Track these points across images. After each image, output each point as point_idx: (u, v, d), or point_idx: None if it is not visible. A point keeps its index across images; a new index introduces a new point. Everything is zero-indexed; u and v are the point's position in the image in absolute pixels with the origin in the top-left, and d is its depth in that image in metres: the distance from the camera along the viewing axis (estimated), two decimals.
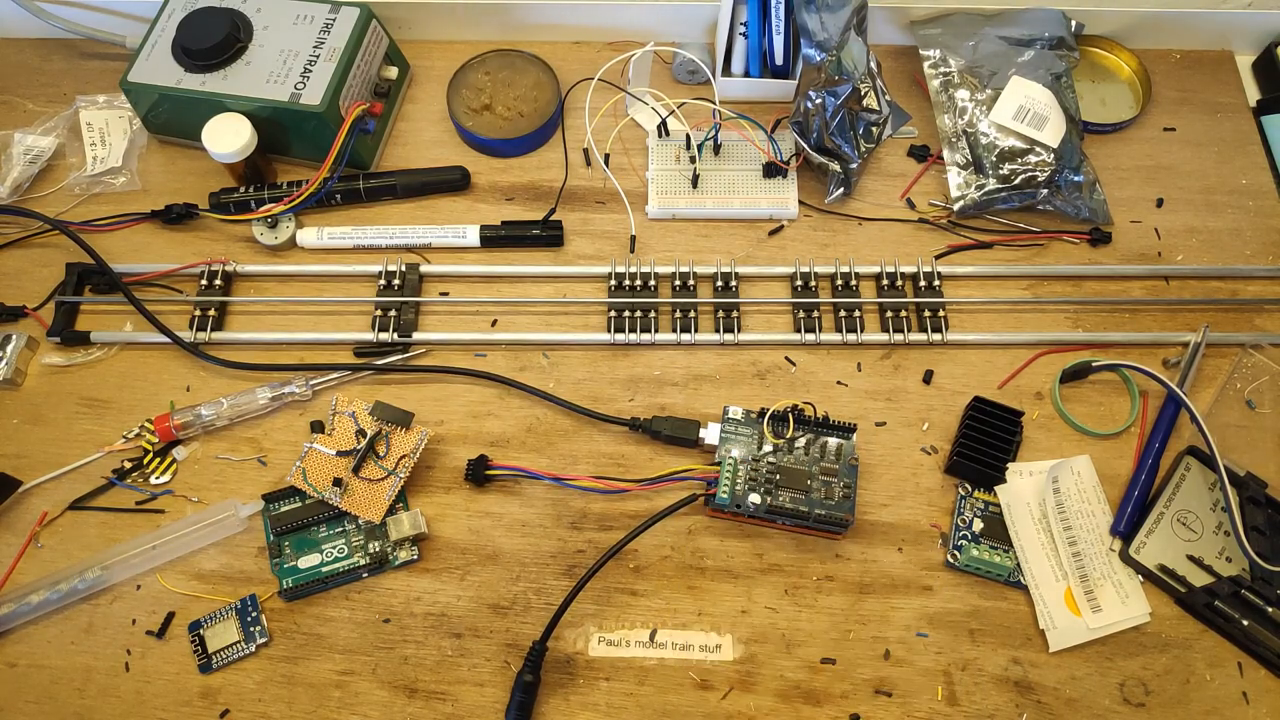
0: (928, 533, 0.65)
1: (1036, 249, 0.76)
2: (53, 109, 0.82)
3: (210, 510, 0.65)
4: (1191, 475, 0.66)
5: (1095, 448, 0.68)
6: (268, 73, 0.73)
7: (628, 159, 0.79)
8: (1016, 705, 0.60)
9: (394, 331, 0.71)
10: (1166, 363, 0.71)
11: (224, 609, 0.62)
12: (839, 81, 0.72)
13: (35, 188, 0.78)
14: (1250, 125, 0.82)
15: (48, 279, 0.74)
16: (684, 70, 0.83)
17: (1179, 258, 0.76)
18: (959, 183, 0.77)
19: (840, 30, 0.73)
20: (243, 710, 0.60)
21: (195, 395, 0.70)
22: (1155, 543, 0.64)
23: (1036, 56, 0.77)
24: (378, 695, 0.60)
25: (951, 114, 0.78)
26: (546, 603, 0.63)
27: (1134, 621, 0.62)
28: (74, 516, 0.66)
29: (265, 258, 0.75)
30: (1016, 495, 0.65)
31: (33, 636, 0.62)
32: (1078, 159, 0.76)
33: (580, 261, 0.75)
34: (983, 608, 0.63)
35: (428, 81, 0.84)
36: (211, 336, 0.71)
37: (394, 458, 0.64)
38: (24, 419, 0.69)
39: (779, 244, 0.76)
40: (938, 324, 0.71)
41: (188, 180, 0.78)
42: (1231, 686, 0.61)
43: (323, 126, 0.73)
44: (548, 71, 0.81)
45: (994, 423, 0.66)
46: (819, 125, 0.73)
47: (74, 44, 0.85)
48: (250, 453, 0.68)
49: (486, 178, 0.79)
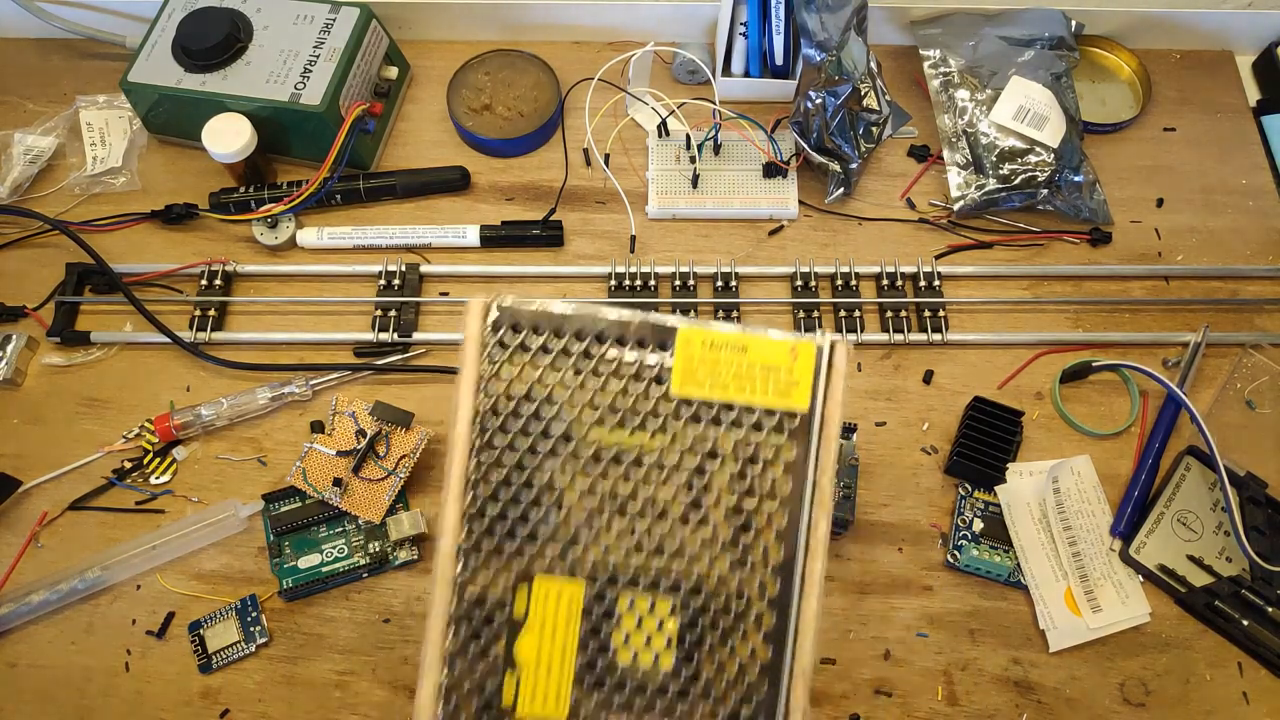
0: (928, 533, 0.65)
1: (1036, 249, 0.76)
2: (53, 109, 0.82)
3: (210, 510, 0.65)
4: (1191, 475, 0.66)
5: (1095, 448, 0.68)
6: (268, 73, 0.73)
7: (628, 159, 0.79)
8: (1016, 705, 0.60)
9: (394, 331, 0.71)
10: (1166, 363, 0.71)
11: (224, 609, 0.62)
12: (839, 81, 0.72)
13: (35, 188, 0.78)
14: (1250, 125, 0.82)
15: (48, 279, 0.74)
16: (684, 70, 0.83)
17: (1179, 258, 0.76)
18: (959, 183, 0.77)
19: (840, 30, 0.73)
20: (243, 710, 0.60)
21: (195, 395, 0.70)
22: (1155, 543, 0.64)
23: (1036, 56, 0.77)
24: (378, 695, 0.60)
25: (951, 114, 0.78)
26: None
27: (1134, 621, 0.62)
28: (74, 516, 0.66)
29: (265, 258, 0.75)
30: (1016, 495, 0.65)
31: (33, 636, 0.62)
32: (1078, 159, 0.76)
33: (580, 261, 0.75)
34: (983, 608, 0.63)
35: (428, 81, 0.84)
36: (211, 336, 0.71)
37: (394, 458, 0.64)
38: (24, 419, 0.69)
39: (779, 244, 0.76)
40: (938, 324, 0.71)
41: (188, 180, 0.78)
42: (1231, 686, 0.61)
43: (323, 126, 0.73)
44: (548, 71, 0.81)
45: (994, 423, 0.66)
46: (819, 125, 0.73)
47: (74, 44, 0.85)
48: (250, 453, 0.68)
49: (486, 178, 0.79)
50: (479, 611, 0.33)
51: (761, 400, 0.36)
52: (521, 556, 0.34)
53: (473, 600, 0.33)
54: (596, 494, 0.35)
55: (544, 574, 0.34)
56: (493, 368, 0.37)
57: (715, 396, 0.36)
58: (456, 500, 0.35)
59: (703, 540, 0.34)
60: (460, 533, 0.34)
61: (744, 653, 0.34)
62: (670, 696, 0.33)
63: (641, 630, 0.34)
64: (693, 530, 0.35)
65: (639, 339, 0.36)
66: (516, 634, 0.33)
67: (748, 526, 0.35)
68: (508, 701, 0.33)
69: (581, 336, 0.36)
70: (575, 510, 0.35)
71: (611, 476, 0.35)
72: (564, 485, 0.35)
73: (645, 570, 0.34)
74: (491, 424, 0.35)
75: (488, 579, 0.34)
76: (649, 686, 0.33)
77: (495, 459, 0.35)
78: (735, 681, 0.33)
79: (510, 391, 0.36)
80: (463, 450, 0.35)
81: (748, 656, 0.34)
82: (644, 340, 0.36)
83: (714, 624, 0.34)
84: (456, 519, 0.34)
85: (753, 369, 0.36)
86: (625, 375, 0.36)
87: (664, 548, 0.34)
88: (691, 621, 0.34)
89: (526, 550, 0.34)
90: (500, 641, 0.33)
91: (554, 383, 0.36)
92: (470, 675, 0.33)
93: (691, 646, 0.34)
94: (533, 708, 0.33)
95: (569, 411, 0.35)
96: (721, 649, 0.34)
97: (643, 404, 0.35)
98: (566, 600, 0.34)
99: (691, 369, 0.36)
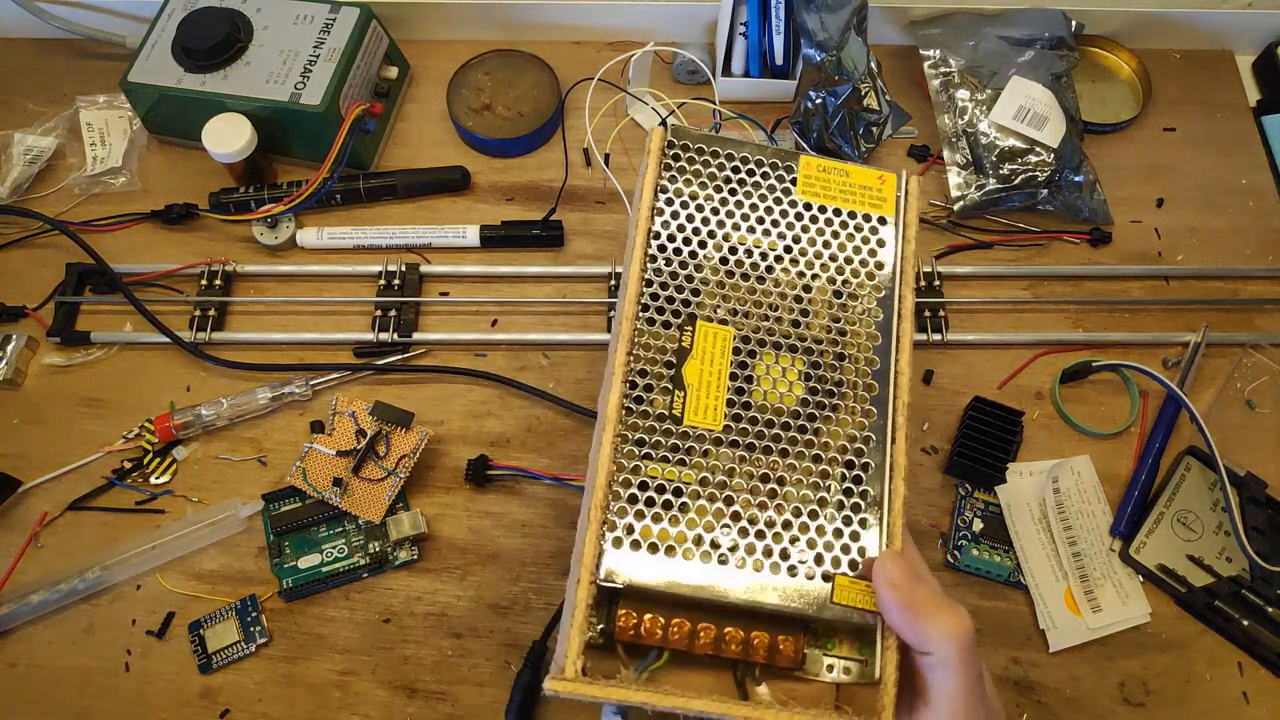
0: (928, 533, 0.65)
1: (1036, 249, 0.76)
2: (53, 109, 0.82)
3: (210, 510, 0.65)
4: (1191, 475, 0.66)
5: (1095, 448, 0.68)
6: (268, 73, 0.73)
7: (628, 159, 0.79)
8: (1016, 705, 0.60)
9: (394, 331, 0.71)
10: (1166, 363, 0.71)
11: (224, 609, 0.62)
12: (839, 81, 0.72)
13: (35, 188, 0.78)
14: (1250, 125, 0.82)
15: (48, 279, 0.74)
16: (684, 70, 0.83)
17: (1179, 258, 0.76)
18: (959, 183, 0.77)
19: (840, 30, 0.73)
20: (243, 710, 0.60)
21: (195, 395, 0.70)
22: (1155, 543, 0.64)
23: (1036, 56, 0.77)
24: (378, 695, 0.60)
25: (951, 114, 0.78)
26: (546, 603, 0.63)
27: (1134, 621, 0.62)
28: (74, 516, 0.66)
29: (265, 258, 0.75)
30: (1016, 495, 0.65)
31: (33, 636, 0.62)
32: (1078, 159, 0.76)
33: (580, 261, 0.75)
34: (983, 608, 0.63)
35: (428, 81, 0.84)
36: (211, 336, 0.71)
37: (394, 458, 0.64)
38: (24, 419, 0.69)
39: None
40: (938, 324, 0.71)
41: (188, 180, 0.78)
42: (1231, 686, 0.61)
43: (323, 126, 0.73)
44: (548, 71, 0.81)
45: (994, 423, 0.66)
46: (819, 125, 0.73)
47: (74, 44, 0.85)
48: (250, 453, 0.68)
49: (486, 178, 0.79)
50: (657, 342, 0.44)
51: (861, 208, 0.48)
52: (687, 307, 0.45)
53: (649, 343, 0.44)
54: (735, 276, 0.46)
55: (704, 319, 0.44)
56: (667, 173, 0.47)
57: (828, 202, 0.48)
58: (639, 262, 0.45)
59: (823, 302, 0.46)
60: (640, 282, 0.45)
61: (857, 387, 0.44)
62: (802, 418, 0.43)
63: (777, 368, 0.44)
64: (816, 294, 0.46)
65: (772, 163, 0.48)
66: (684, 361, 0.43)
67: (855, 296, 0.46)
68: (677, 411, 0.42)
69: (730, 160, 0.48)
70: (721, 286, 0.46)
71: (747, 265, 0.46)
72: (711, 268, 0.46)
73: (774, 331, 0.45)
74: (662, 217, 0.46)
75: (663, 321, 0.44)
76: (784, 411, 0.43)
77: (667, 236, 0.46)
78: (851, 411, 0.44)
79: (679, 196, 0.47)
80: (644, 230, 0.46)
81: (860, 391, 0.44)
82: (775, 164, 0.48)
83: (833, 368, 0.44)
84: (638, 275, 0.45)
85: (853, 186, 0.48)
86: (764, 181, 0.48)
87: (793, 309, 0.45)
88: (814, 365, 0.44)
89: (689, 306, 0.45)
90: (676, 368, 0.43)
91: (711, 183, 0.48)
92: (649, 386, 0.43)
93: (816, 381, 0.44)
94: (696, 418, 0.42)
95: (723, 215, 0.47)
96: (838, 387, 0.44)
97: (779, 206, 0.47)
98: (721, 339, 0.44)
99: (810, 183, 0.48)
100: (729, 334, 0.44)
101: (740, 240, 0.46)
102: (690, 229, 0.46)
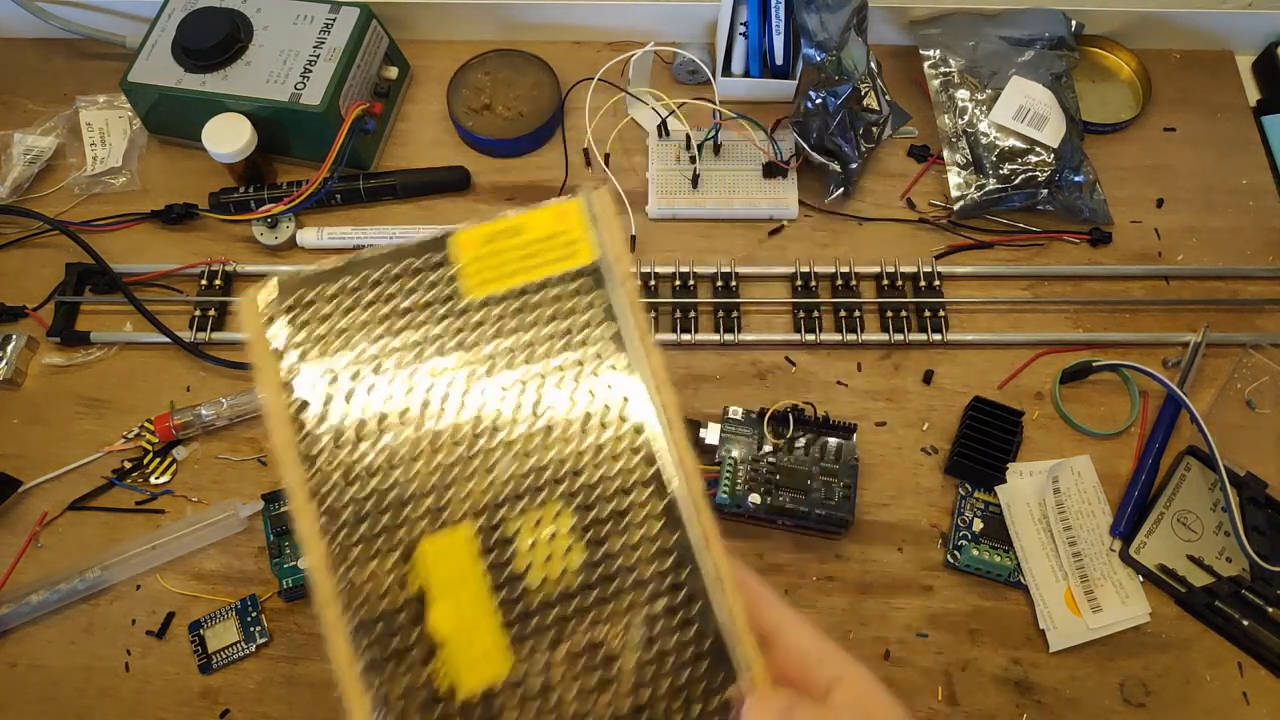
0: (928, 533, 0.65)
1: (1036, 249, 0.76)
2: (53, 109, 0.82)
3: (210, 510, 0.65)
4: (1191, 475, 0.66)
5: (1095, 448, 0.68)
6: (268, 73, 0.73)
7: (628, 159, 0.79)
8: (1016, 705, 0.60)
9: None
10: (1166, 363, 0.71)
11: (224, 609, 0.62)
12: (839, 81, 0.72)
13: (35, 188, 0.78)
14: (1250, 125, 0.82)
15: (48, 279, 0.74)
16: (684, 70, 0.83)
17: (1179, 258, 0.76)
18: (959, 183, 0.77)
19: (840, 30, 0.73)
20: (243, 710, 0.60)
21: (195, 395, 0.70)
22: (1155, 543, 0.64)
23: (1036, 56, 0.77)
24: None
25: (951, 114, 0.78)
26: None
27: (1134, 621, 0.62)
28: (74, 516, 0.66)
29: (265, 258, 0.75)
30: (1016, 495, 0.65)
31: (33, 636, 0.62)
32: (1078, 159, 0.76)
33: None
34: (983, 608, 0.63)
35: (428, 81, 0.84)
36: (211, 336, 0.71)
37: None
38: (24, 419, 0.69)
39: (779, 244, 0.76)
40: (938, 324, 0.71)
41: (188, 180, 0.78)
42: (1231, 686, 0.61)
43: (323, 126, 0.73)
44: (548, 71, 0.81)
45: (994, 423, 0.66)
46: (819, 125, 0.73)
47: (74, 44, 0.85)
48: (250, 453, 0.68)
49: (486, 178, 0.79)
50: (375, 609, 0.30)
51: (554, 269, 0.34)
52: (395, 530, 0.31)
53: (363, 601, 0.30)
54: (444, 430, 0.32)
55: (427, 535, 0.31)
56: (293, 353, 0.32)
57: (512, 282, 0.34)
58: (305, 513, 0.31)
59: (563, 425, 0.33)
60: (322, 543, 0.30)
61: (643, 523, 0.32)
62: (597, 587, 0.32)
63: (544, 536, 0.32)
64: (548, 423, 0.33)
65: (423, 260, 0.36)
66: (426, 612, 0.30)
67: (594, 393, 0.33)
68: (445, 686, 0.30)
69: (364, 282, 0.35)
70: (428, 457, 0.32)
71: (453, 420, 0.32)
72: (407, 436, 0.32)
73: (521, 482, 0.32)
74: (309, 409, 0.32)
75: (369, 572, 0.31)
76: (572, 587, 0.31)
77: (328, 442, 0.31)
78: (649, 556, 0.32)
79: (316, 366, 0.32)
80: (289, 442, 0.31)
81: (648, 526, 0.32)
82: (426, 260, 0.36)
83: (605, 498, 0.32)
84: (314, 530, 0.31)
85: (532, 244, 0.35)
86: (417, 296, 0.35)
87: (529, 450, 0.32)
88: (582, 509, 0.32)
89: (398, 521, 0.31)
90: (414, 629, 0.30)
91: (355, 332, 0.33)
92: (396, 682, 0.30)
93: (593, 532, 0.32)
94: (474, 678, 0.30)
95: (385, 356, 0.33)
96: (621, 529, 0.32)
97: (450, 322, 0.34)
98: (462, 550, 0.31)
99: (478, 268, 0.35)
100: (468, 534, 0.31)
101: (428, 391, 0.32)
102: (357, 407, 0.32)
